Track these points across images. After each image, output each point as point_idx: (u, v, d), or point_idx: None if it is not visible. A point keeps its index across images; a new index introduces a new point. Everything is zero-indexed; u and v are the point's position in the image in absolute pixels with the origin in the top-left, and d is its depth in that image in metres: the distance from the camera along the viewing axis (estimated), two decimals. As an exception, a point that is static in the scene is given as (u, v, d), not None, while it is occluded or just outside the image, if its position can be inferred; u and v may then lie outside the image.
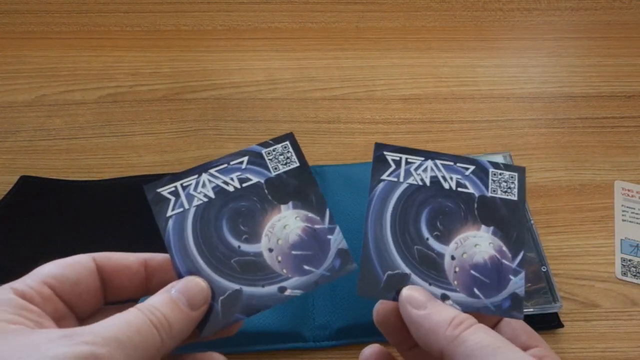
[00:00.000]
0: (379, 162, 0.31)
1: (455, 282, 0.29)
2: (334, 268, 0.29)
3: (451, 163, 0.31)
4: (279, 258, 0.28)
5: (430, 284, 0.29)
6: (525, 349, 0.28)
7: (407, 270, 0.29)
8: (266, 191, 0.30)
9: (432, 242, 0.29)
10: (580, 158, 0.56)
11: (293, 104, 0.60)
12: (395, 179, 0.30)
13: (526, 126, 0.58)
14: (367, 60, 0.64)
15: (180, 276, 0.28)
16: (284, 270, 0.28)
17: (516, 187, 0.31)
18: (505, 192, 0.31)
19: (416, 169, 0.31)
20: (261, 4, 0.69)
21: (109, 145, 0.56)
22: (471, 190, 0.31)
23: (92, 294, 0.27)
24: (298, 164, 0.31)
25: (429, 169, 0.31)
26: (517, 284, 0.29)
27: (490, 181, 0.31)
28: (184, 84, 0.61)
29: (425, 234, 0.30)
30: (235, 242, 0.29)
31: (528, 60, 0.65)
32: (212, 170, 0.30)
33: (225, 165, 0.30)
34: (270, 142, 0.31)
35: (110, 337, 0.22)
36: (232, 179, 0.30)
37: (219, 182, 0.30)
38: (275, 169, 0.30)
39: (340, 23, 0.68)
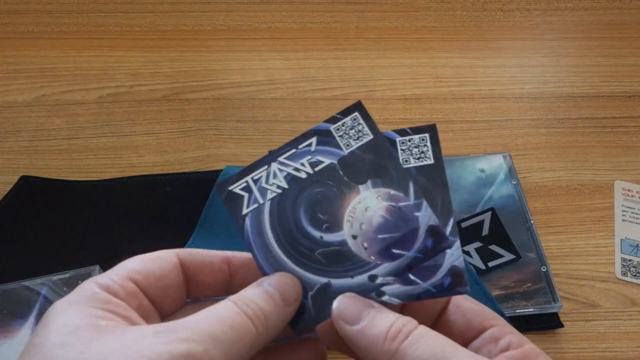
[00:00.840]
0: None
1: (372, 257, 0.26)
2: (427, 248, 0.26)
3: (293, 150, 0.28)
4: (365, 244, 0.26)
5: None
6: (480, 332, 0.26)
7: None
8: (341, 172, 0.27)
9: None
10: (580, 158, 0.56)
11: (293, 104, 0.60)
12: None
13: (526, 126, 0.58)
14: (367, 60, 0.64)
15: (264, 274, 0.26)
16: (372, 257, 0.26)
17: (430, 149, 0.27)
18: (419, 158, 0.27)
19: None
20: (261, 4, 0.69)
21: (109, 145, 0.56)
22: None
23: (175, 290, 0.26)
24: (371, 136, 0.28)
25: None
26: (453, 255, 0.26)
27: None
28: (184, 84, 0.61)
29: (316, 234, 0.27)
30: (316, 233, 0.27)
31: (528, 60, 0.65)
32: (281, 158, 0.28)
33: (293, 150, 0.28)
34: (338, 116, 0.28)
35: (206, 333, 0.21)
36: (303, 165, 0.27)
37: (290, 170, 0.27)
38: (348, 145, 0.28)
39: (340, 23, 0.68)
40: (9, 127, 0.57)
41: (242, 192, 0.27)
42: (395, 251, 0.26)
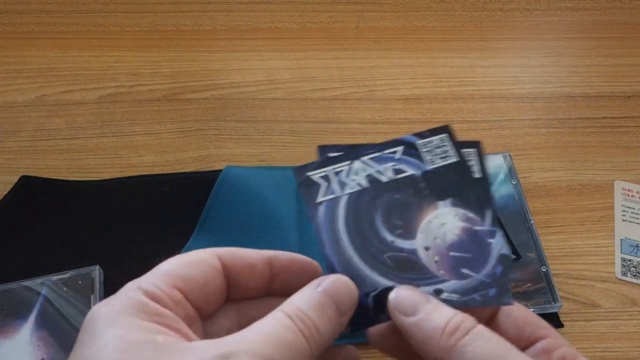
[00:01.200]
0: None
1: (442, 272, 0.26)
2: (495, 275, 0.26)
3: (377, 153, 0.29)
4: (436, 258, 0.27)
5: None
6: (532, 342, 0.26)
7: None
8: (423, 185, 0.28)
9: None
10: (580, 158, 0.56)
11: (293, 104, 0.60)
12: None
13: (526, 126, 0.58)
14: (367, 60, 0.64)
15: (330, 265, 0.26)
16: (441, 272, 0.26)
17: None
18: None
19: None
20: (261, 4, 0.69)
21: (109, 145, 0.56)
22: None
23: (218, 295, 0.25)
24: (457, 159, 0.28)
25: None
26: (498, 244, 0.27)
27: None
28: (184, 84, 0.61)
29: (389, 237, 0.27)
30: (389, 236, 0.27)
31: (528, 60, 0.65)
32: (364, 158, 0.28)
33: (378, 153, 0.28)
34: (427, 133, 0.29)
35: (266, 358, 0.21)
36: (385, 169, 0.28)
37: (372, 171, 0.28)
38: (432, 162, 0.28)
39: (340, 23, 0.68)
40: (9, 127, 0.57)
41: (320, 180, 0.28)
42: (464, 271, 0.26)
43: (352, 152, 0.28)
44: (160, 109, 0.59)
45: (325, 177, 0.28)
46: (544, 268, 0.46)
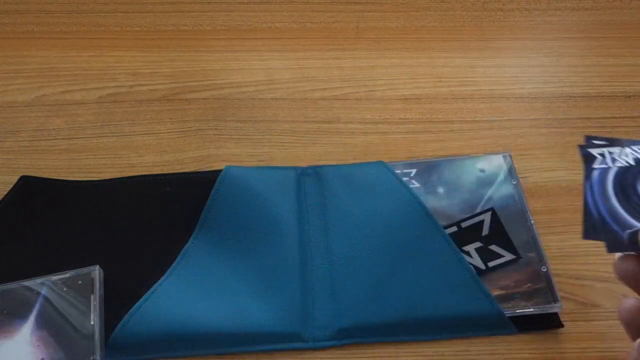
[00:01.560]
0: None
1: None
2: None
3: None
4: None
5: None
6: None
7: None
8: None
9: None
10: (581, 158, 0.56)
11: (293, 104, 0.60)
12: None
13: (526, 126, 0.58)
14: (367, 60, 0.64)
15: (597, 210, 0.36)
16: None
17: None
18: None
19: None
20: (261, 4, 0.69)
21: (109, 145, 0.56)
22: None
23: None
24: None
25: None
26: None
27: None
28: (184, 84, 0.61)
29: None
30: None
31: (528, 60, 0.65)
32: (634, 147, 0.40)
33: None
34: None
35: None
36: None
37: (639, 155, 0.39)
38: None
39: (340, 23, 0.68)
40: (9, 127, 0.57)
41: (597, 155, 0.39)
42: None
43: (621, 141, 0.40)
44: (160, 109, 0.59)
45: (602, 154, 0.39)
46: (544, 268, 0.46)
